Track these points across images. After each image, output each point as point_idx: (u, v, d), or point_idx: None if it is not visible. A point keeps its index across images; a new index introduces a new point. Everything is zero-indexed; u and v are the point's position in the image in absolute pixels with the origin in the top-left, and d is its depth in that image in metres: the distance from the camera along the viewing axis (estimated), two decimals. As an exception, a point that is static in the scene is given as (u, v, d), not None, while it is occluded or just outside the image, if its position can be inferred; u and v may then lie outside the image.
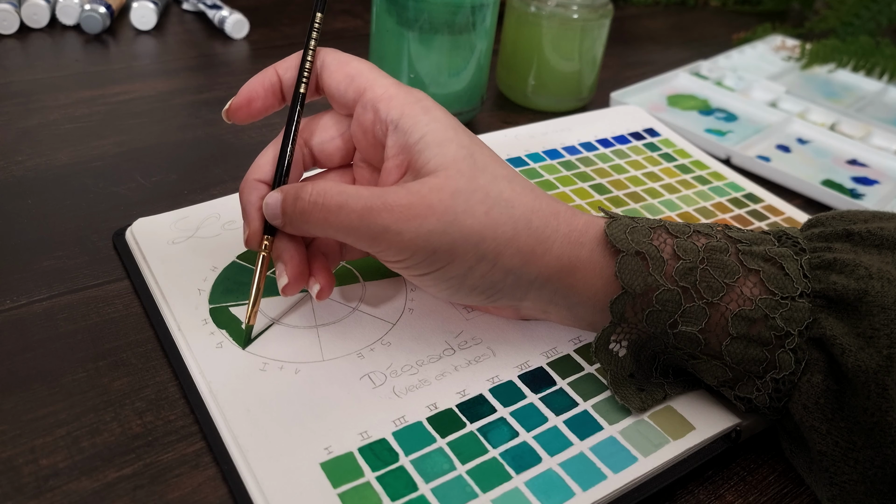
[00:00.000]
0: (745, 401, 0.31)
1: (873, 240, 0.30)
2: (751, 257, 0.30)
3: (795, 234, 0.32)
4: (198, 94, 0.57)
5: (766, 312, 0.29)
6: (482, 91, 0.56)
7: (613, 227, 0.31)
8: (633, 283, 0.30)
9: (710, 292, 0.30)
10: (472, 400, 0.32)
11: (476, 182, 0.30)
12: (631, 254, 0.30)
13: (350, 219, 0.29)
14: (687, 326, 0.30)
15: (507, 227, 0.30)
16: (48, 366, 0.32)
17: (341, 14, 0.77)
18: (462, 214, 0.29)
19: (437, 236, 0.29)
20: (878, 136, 0.62)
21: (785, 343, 0.29)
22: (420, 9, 0.49)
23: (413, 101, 0.32)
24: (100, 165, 0.47)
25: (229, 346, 0.33)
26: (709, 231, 0.32)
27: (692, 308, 0.30)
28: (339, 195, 0.30)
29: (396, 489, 0.28)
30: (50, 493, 0.27)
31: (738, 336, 0.29)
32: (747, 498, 0.31)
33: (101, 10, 0.64)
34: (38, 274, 0.37)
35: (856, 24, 0.82)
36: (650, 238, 0.31)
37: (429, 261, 0.30)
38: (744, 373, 0.30)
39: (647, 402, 0.32)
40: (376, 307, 0.36)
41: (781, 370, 0.29)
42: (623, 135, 0.56)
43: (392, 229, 0.29)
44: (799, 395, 0.29)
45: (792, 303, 0.29)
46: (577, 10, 0.57)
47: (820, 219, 0.33)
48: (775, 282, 0.30)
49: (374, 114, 0.32)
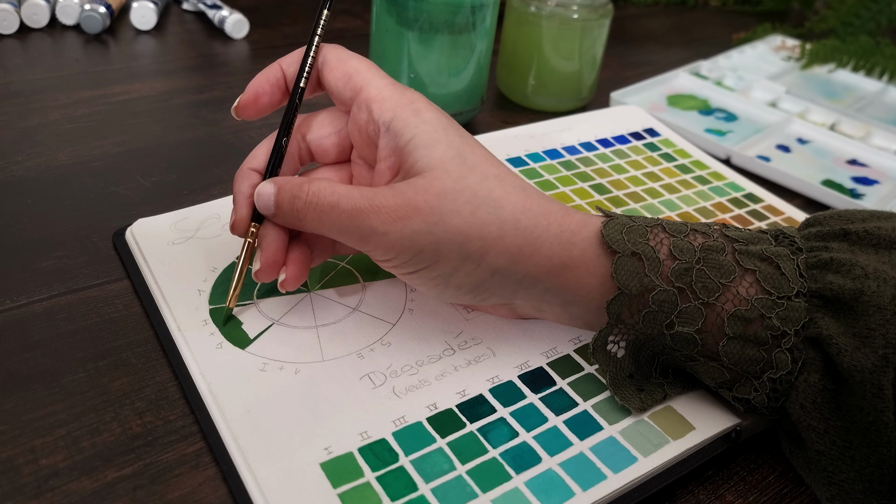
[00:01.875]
0: (743, 401, 0.31)
1: (870, 239, 0.30)
2: (747, 257, 0.30)
3: (793, 233, 0.32)
4: (198, 94, 0.57)
5: (763, 312, 0.29)
6: (482, 91, 0.56)
7: (610, 228, 0.31)
8: (630, 284, 0.30)
9: (706, 292, 0.30)
10: (472, 400, 0.32)
11: (464, 182, 0.30)
12: (627, 254, 0.30)
13: (341, 219, 0.30)
14: (683, 327, 0.30)
15: (494, 226, 0.30)
16: (48, 366, 0.32)
17: (341, 14, 0.77)
18: (448, 214, 0.30)
19: (422, 236, 0.30)
20: (878, 136, 0.62)
21: (781, 343, 0.29)
22: (420, 9, 0.49)
23: (406, 102, 0.32)
24: (100, 165, 0.47)
25: (229, 346, 0.33)
26: (706, 230, 0.32)
27: (688, 308, 0.30)
28: (332, 195, 0.30)
29: (396, 489, 0.28)
30: (50, 493, 0.27)
31: (735, 336, 0.29)
32: (747, 498, 0.31)
33: (101, 10, 0.64)
34: (38, 274, 0.37)
35: (856, 24, 0.82)
36: (647, 238, 0.31)
37: (414, 260, 0.30)
38: (741, 373, 0.30)
39: (647, 402, 0.32)
40: (376, 307, 0.36)
41: (778, 370, 0.29)
42: (623, 135, 0.56)
43: (378, 230, 0.30)
44: (796, 394, 0.29)
45: (788, 302, 0.29)
46: (577, 10, 0.57)
47: (817, 218, 0.33)
48: (771, 281, 0.30)
49: (368, 114, 0.32)
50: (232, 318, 0.34)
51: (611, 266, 0.31)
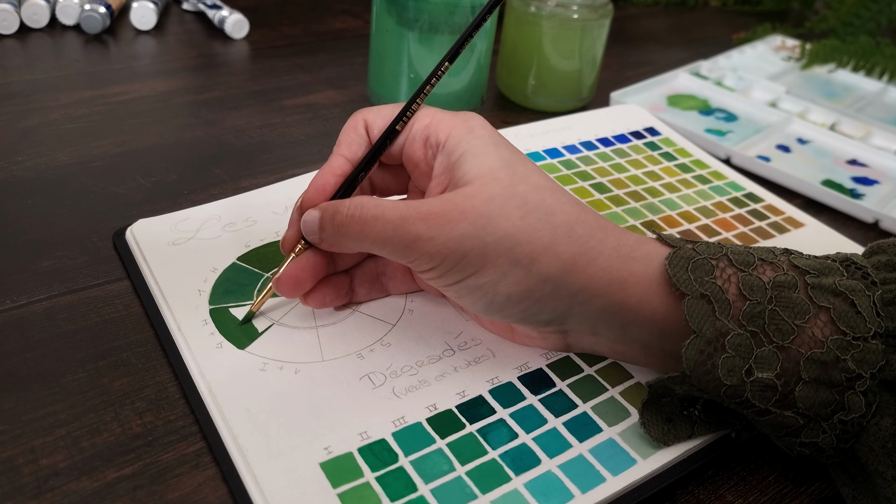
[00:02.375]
0: (809, 445, 0.29)
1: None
2: (820, 292, 0.29)
3: (861, 262, 0.30)
4: (198, 94, 0.57)
5: (838, 354, 0.28)
6: (482, 91, 0.56)
7: (675, 266, 0.29)
8: (704, 328, 0.28)
9: (780, 335, 0.28)
10: (472, 401, 0.32)
11: (514, 189, 0.30)
12: (696, 296, 0.29)
13: (385, 229, 0.29)
14: (762, 373, 0.28)
15: (545, 232, 0.29)
16: (48, 366, 0.32)
17: (341, 14, 0.77)
18: (496, 218, 0.29)
19: (468, 240, 0.29)
20: (878, 136, 0.62)
21: (855, 385, 0.28)
22: (420, 9, 0.49)
23: (459, 122, 0.32)
24: (100, 165, 0.47)
25: (229, 346, 0.33)
26: (773, 259, 0.30)
27: (763, 353, 0.28)
28: (376, 207, 0.30)
29: (396, 489, 0.28)
30: (50, 493, 0.27)
31: (811, 380, 0.28)
32: (747, 498, 0.31)
33: (101, 10, 0.64)
34: (38, 274, 0.37)
35: (856, 24, 0.82)
36: (713, 275, 0.29)
37: (460, 266, 0.29)
38: (812, 417, 0.28)
39: (670, 437, 0.30)
40: (376, 308, 0.36)
41: (850, 412, 0.28)
42: (623, 134, 0.56)
43: (424, 236, 0.29)
44: (866, 437, 0.28)
45: (864, 343, 0.28)
46: (577, 10, 0.57)
47: (882, 246, 0.31)
48: (846, 321, 0.28)
49: (424, 139, 0.33)
50: (252, 319, 0.35)
51: (675, 293, 0.29)
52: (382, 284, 0.36)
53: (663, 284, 0.30)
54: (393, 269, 0.36)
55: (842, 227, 0.50)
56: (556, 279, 0.29)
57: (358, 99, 0.59)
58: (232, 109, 0.55)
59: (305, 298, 0.34)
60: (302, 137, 0.53)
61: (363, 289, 0.36)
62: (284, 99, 0.58)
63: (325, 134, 0.54)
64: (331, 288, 0.34)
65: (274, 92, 0.58)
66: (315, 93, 0.59)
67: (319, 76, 0.62)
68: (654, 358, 0.32)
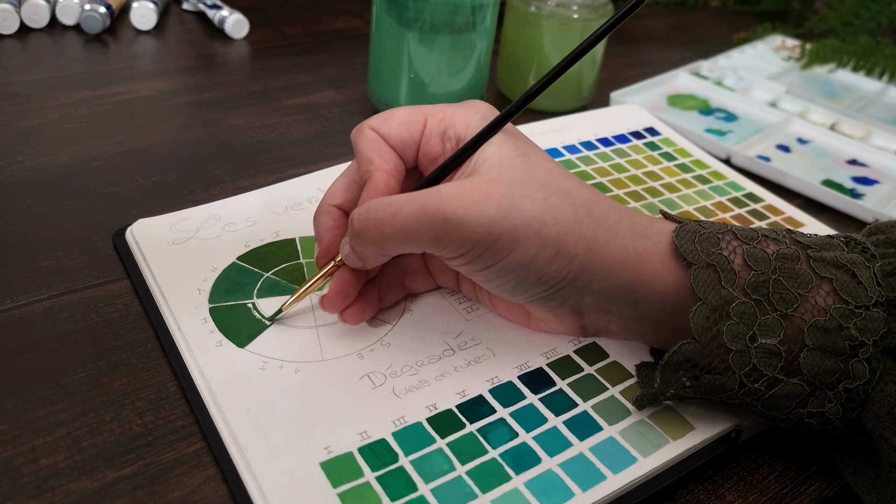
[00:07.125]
0: (816, 415, 0.29)
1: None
2: (822, 264, 0.30)
3: (862, 239, 0.31)
4: (198, 94, 0.57)
5: (841, 322, 0.28)
6: (482, 91, 0.56)
7: (682, 237, 0.30)
8: (709, 296, 0.29)
9: (784, 304, 0.29)
10: (472, 400, 0.32)
11: (530, 175, 0.30)
12: (702, 266, 0.30)
13: (406, 222, 0.29)
14: (766, 339, 0.29)
15: (569, 213, 0.30)
16: (48, 366, 0.32)
17: (341, 14, 0.77)
18: (521, 200, 0.29)
19: (499, 222, 0.29)
20: (878, 136, 0.62)
21: (859, 353, 0.28)
22: (420, 9, 0.49)
23: (472, 112, 0.33)
24: (100, 165, 0.47)
25: (229, 345, 0.33)
26: (777, 236, 0.31)
27: (767, 321, 0.29)
28: (390, 205, 0.29)
29: (396, 489, 0.28)
30: (50, 493, 0.27)
31: (815, 347, 0.29)
32: (747, 498, 0.31)
33: (101, 10, 0.64)
34: (38, 274, 0.37)
35: (856, 24, 0.82)
36: (719, 247, 0.30)
37: (492, 250, 0.29)
38: (818, 385, 0.29)
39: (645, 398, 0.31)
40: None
41: (855, 380, 0.28)
42: (623, 133, 0.56)
43: (453, 220, 0.29)
44: (872, 404, 0.28)
45: (866, 312, 0.28)
46: (577, 10, 0.57)
47: (880, 226, 0.32)
48: (848, 290, 0.29)
49: (441, 135, 0.33)
50: (277, 317, 0.35)
51: (685, 267, 0.30)
52: (406, 285, 0.36)
53: (674, 260, 0.31)
54: (415, 267, 0.36)
55: (842, 227, 0.50)
56: (581, 258, 0.30)
57: (358, 99, 0.59)
58: (232, 109, 0.55)
59: (343, 315, 0.33)
60: (302, 137, 0.53)
61: (390, 295, 0.36)
62: (284, 99, 0.58)
63: (324, 134, 0.54)
64: (364, 301, 0.34)
65: (274, 92, 0.58)
66: (315, 93, 0.59)
67: (319, 76, 0.62)
68: (665, 334, 0.32)
